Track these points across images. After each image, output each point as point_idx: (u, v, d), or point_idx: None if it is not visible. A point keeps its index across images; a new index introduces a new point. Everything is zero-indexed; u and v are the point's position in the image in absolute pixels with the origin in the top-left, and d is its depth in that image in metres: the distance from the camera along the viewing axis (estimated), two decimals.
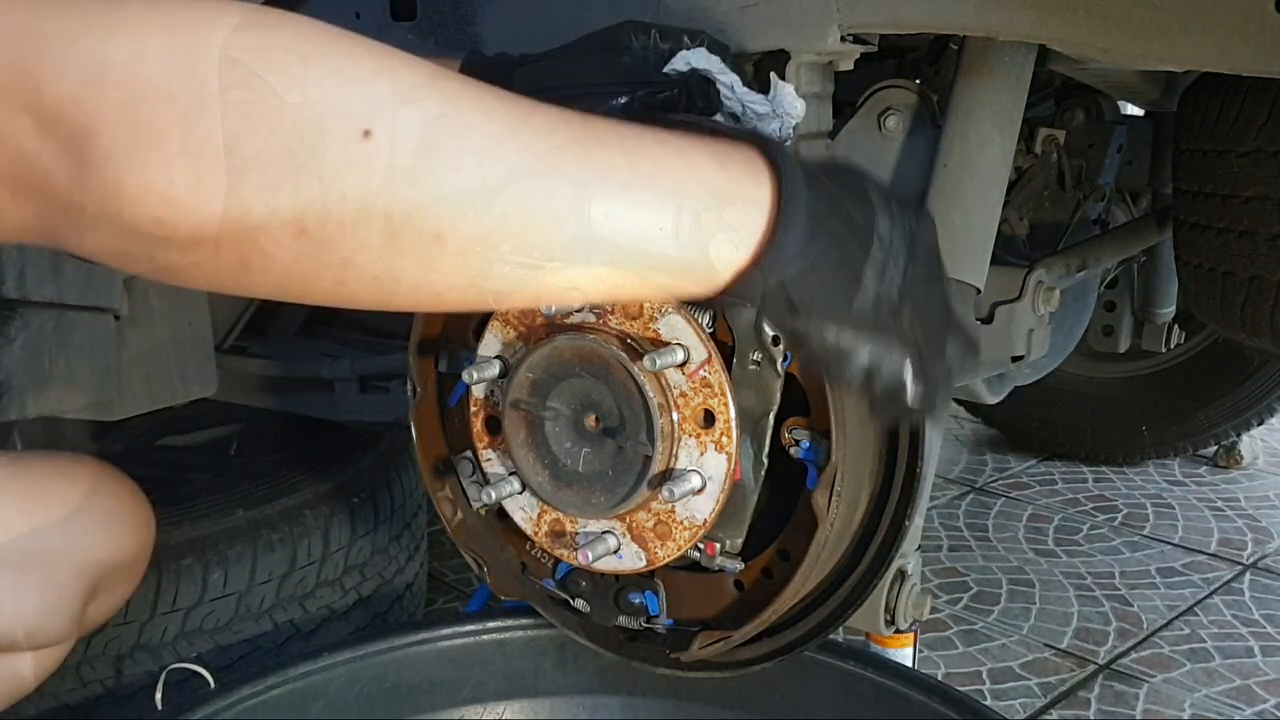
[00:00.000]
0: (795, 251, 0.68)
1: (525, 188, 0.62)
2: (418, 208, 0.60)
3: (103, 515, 1.11)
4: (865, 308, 0.71)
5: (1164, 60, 0.92)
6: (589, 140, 0.65)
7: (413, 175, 0.59)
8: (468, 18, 1.27)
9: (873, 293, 0.70)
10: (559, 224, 0.64)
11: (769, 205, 0.69)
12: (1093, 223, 1.74)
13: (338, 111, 0.57)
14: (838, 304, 0.70)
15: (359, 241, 0.59)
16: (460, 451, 1.11)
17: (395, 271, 0.62)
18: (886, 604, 1.11)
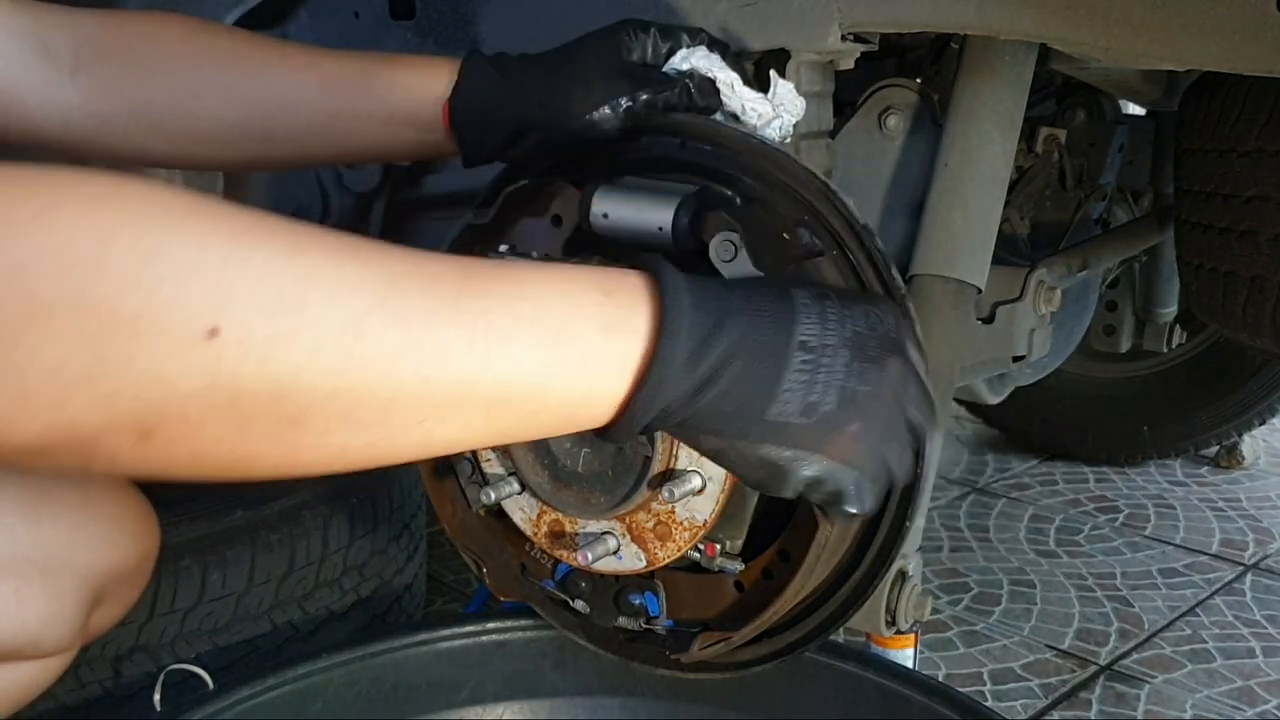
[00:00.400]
0: (678, 374, 0.65)
1: (392, 361, 0.58)
2: (271, 398, 0.56)
3: (107, 523, 1.11)
4: (789, 418, 0.67)
5: (1165, 59, 0.92)
6: (465, 297, 0.62)
7: (264, 367, 0.55)
8: (467, 17, 1.27)
9: (798, 402, 0.67)
10: (432, 391, 0.60)
11: (648, 332, 0.66)
12: (1094, 222, 1.74)
13: (181, 313, 0.53)
14: (748, 419, 0.67)
15: (208, 435, 0.56)
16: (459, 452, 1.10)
17: (252, 457, 0.59)
18: (887, 605, 1.11)
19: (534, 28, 1.23)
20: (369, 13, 1.35)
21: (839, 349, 0.69)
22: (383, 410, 0.59)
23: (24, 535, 1.04)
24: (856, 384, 0.69)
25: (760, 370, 0.67)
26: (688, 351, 0.65)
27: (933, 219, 1.16)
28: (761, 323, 0.68)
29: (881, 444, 0.71)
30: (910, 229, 1.19)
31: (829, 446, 0.69)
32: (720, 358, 0.66)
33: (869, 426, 0.69)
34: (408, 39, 1.32)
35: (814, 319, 0.69)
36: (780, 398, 0.67)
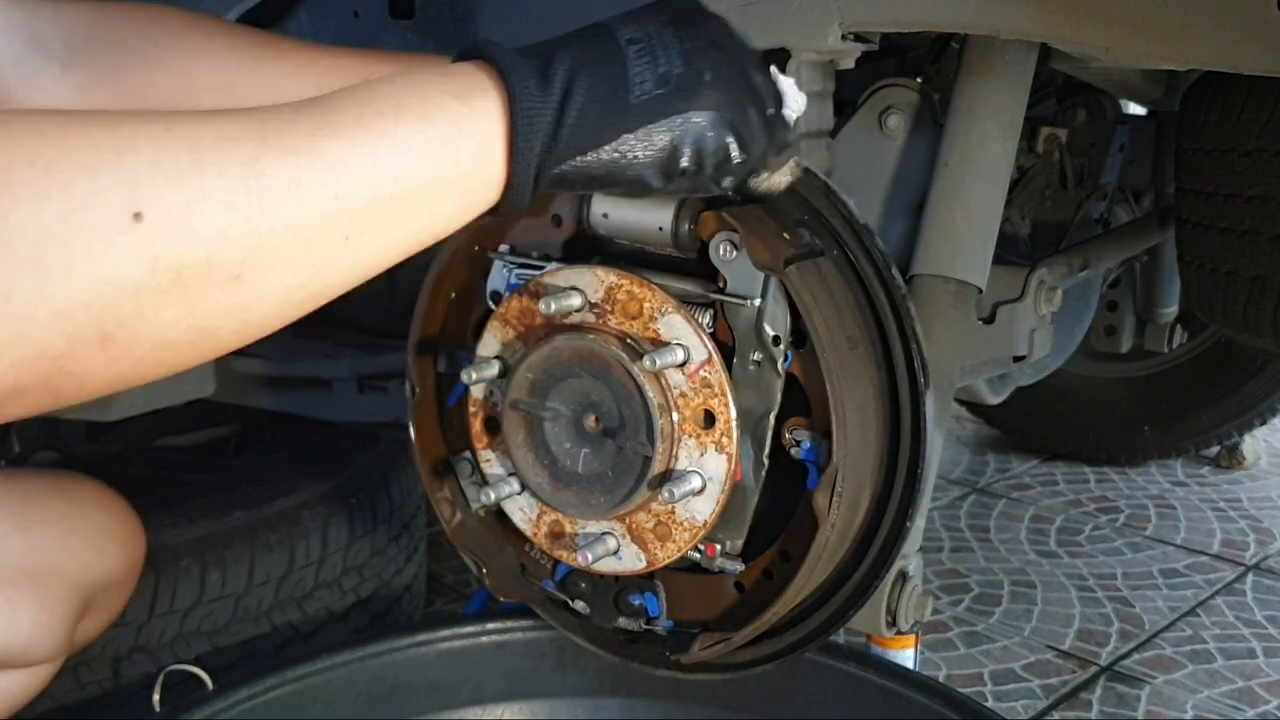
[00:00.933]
0: (538, 103, 0.70)
1: (296, 189, 0.62)
2: (208, 262, 0.58)
3: (97, 533, 1.11)
4: (649, 92, 0.72)
5: (1166, 59, 0.92)
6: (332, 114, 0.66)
7: (194, 234, 0.58)
8: (466, 16, 1.27)
9: (651, 77, 0.72)
10: (341, 203, 0.64)
11: (495, 85, 0.70)
12: (1095, 222, 1.74)
13: (101, 207, 0.55)
14: (616, 111, 0.72)
15: (164, 320, 0.58)
16: (459, 452, 1.10)
17: (209, 328, 0.61)
18: (888, 605, 1.11)
19: (533, 26, 1.22)
20: (368, 12, 1.35)
21: (662, 29, 0.75)
22: (308, 239, 0.63)
23: (15, 544, 1.04)
24: (692, 43, 0.75)
25: (605, 71, 0.72)
26: (535, 80, 0.70)
27: (933, 219, 1.15)
28: (585, 41, 0.74)
29: (740, 81, 0.76)
30: (910, 229, 1.19)
31: (697, 100, 0.74)
32: (566, 74, 0.71)
33: (720, 68, 0.75)
34: (407, 38, 1.32)
35: (628, 23, 0.75)
36: (634, 82, 0.72)
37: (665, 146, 0.73)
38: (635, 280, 0.93)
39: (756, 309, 0.91)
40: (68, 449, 1.78)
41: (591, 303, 0.95)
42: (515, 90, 0.70)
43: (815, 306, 0.89)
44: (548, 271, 0.98)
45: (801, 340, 0.92)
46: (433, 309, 1.08)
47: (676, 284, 0.94)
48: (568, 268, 0.97)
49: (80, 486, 1.13)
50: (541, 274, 0.98)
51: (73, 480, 1.14)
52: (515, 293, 1.00)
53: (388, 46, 1.33)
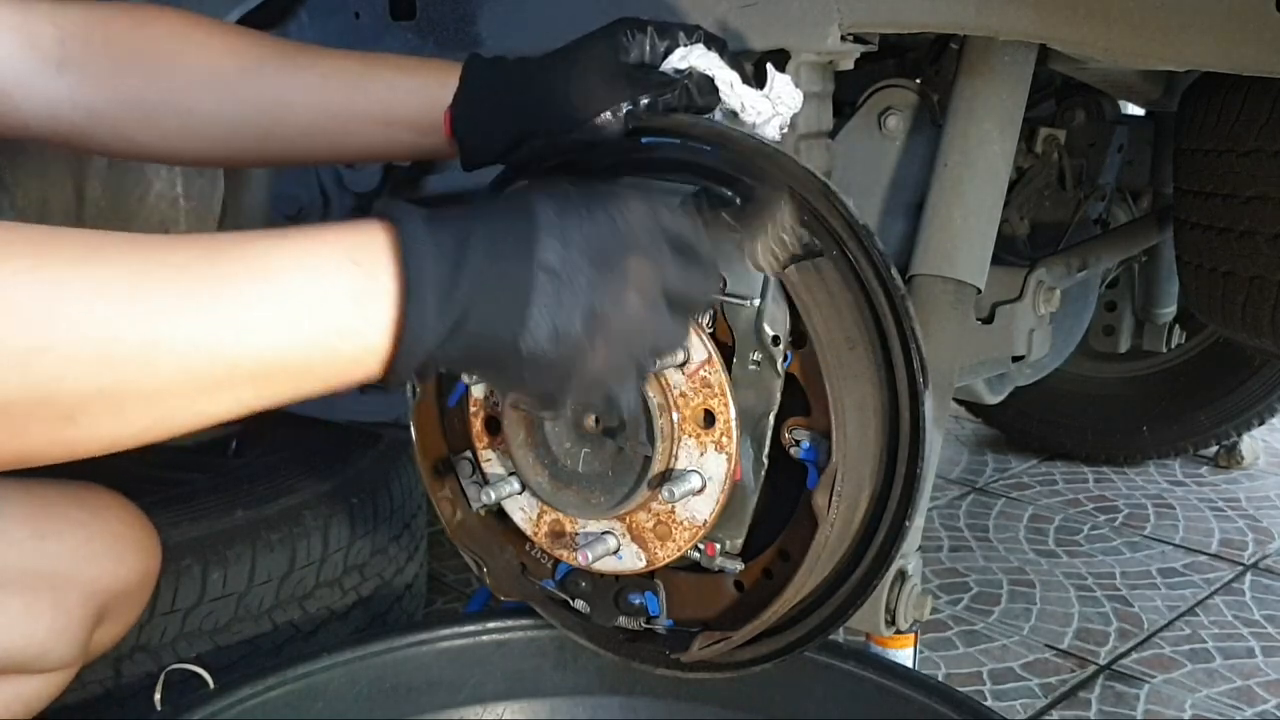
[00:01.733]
0: (431, 327, 0.67)
1: (148, 355, 0.61)
2: (39, 403, 0.59)
3: (113, 542, 1.11)
4: (539, 348, 0.69)
5: (1165, 59, 0.92)
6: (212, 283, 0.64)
7: (27, 377, 0.58)
8: (467, 17, 1.27)
9: (546, 329, 0.69)
10: (194, 376, 0.63)
11: (397, 293, 0.67)
12: (1093, 222, 1.74)
13: None
14: (503, 353, 0.69)
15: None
16: (460, 452, 1.11)
17: (33, 454, 0.62)
18: (887, 604, 1.11)
19: (534, 28, 1.23)
20: (369, 13, 1.35)
21: (580, 265, 0.70)
22: (151, 399, 0.63)
23: (31, 550, 1.04)
24: (600, 300, 0.70)
25: (506, 303, 0.69)
26: (435, 304, 0.67)
27: (932, 219, 1.16)
28: (502, 251, 0.69)
29: (628, 351, 0.73)
30: (910, 229, 1.19)
31: (578, 370, 0.72)
32: (466, 300, 0.68)
33: (613, 343, 0.72)
34: (408, 40, 1.32)
35: (555, 236, 0.70)
36: (529, 327, 0.69)
37: (542, 393, 0.73)
38: None
39: (756, 309, 0.91)
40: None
41: None
42: (411, 311, 0.67)
43: (814, 307, 0.89)
44: None
45: (801, 340, 0.92)
46: None
47: None
48: None
49: (97, 495, 1.13)
50: None
51: (89, 489, 1.14)
52: None
53: (389, 48, 1.33)
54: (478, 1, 1.26)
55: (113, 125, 0.97)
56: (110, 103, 0.96)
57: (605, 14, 0.97)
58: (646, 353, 0.75)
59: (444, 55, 1.12)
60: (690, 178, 0.92)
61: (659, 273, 0.73)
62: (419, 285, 0.67)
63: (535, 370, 0.70)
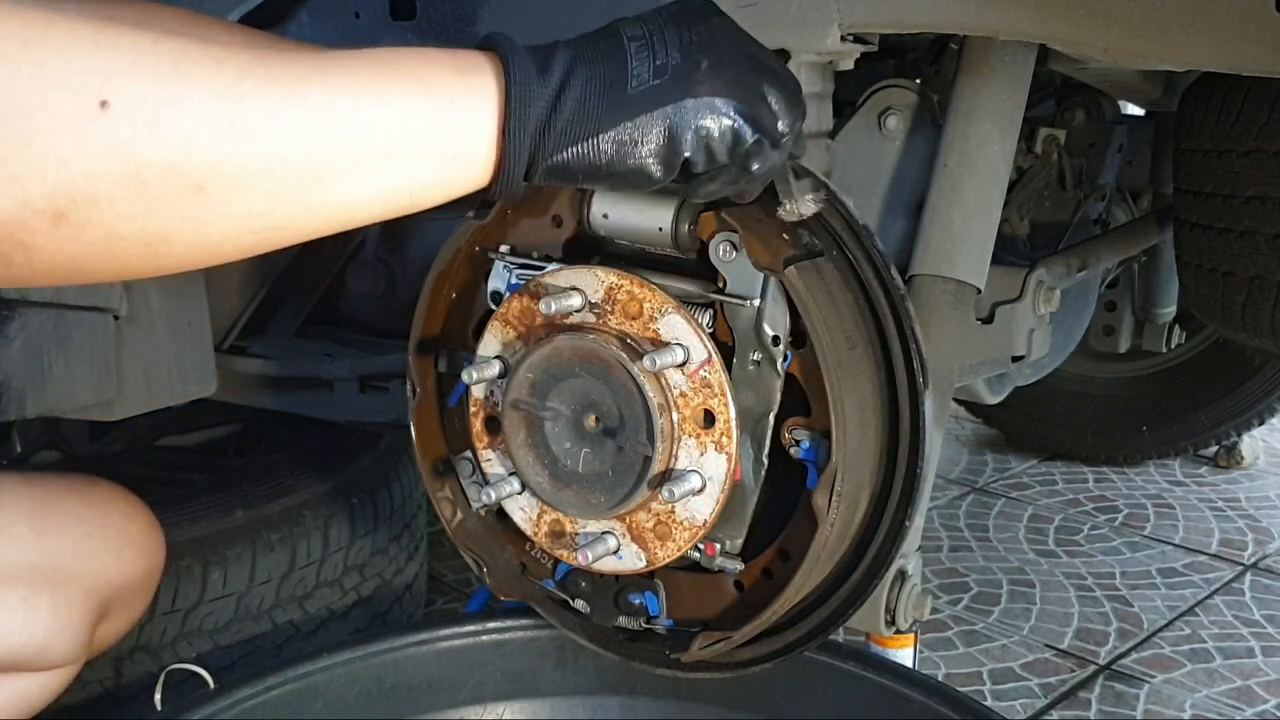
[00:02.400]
0: (535, 88, 0.71)
1: (271, 120, 0.63)
2: (169, 166, 0.60)
3: (115, 537, 1.11)
4: (646, 83, 0.73)
5: (1164, 59, 0.92)
6: (328, 62, 0.67)
7: (158, 135, 0.59)
8: (467, 17, 1.27)
9: (648, 69, 0.73)
10: (317, 149, 0.65)
11: (495, 68, 0.71)
12: (1093, 222, 1.74)
13: (69, 88, 0.57)
14: (612, 103, 0.72)
15: (119, 214, 0.60)
16: (460, 452, 1.11)
17: (165, 234, 0.62)
18: (887, 604, 1.11)
19: (534, 28, 1.23)
20: (369, 13, 1.35)
21: (664, 25, 0.76)
22: (275, 172, 0.64)
23: (31, 545, 1.04)
24: (691, 35, 0.75)
25: (603, 64, 0.73)
26: (535, 67, 0.72)
27: (932, 219, 1.16)
28: (589, 38, 0.75)
29: (737, 67, 0.76)
30: (910, 229, 1.19)
31: (693, 88, 0.74)
32: (564, 65, 0.72)
33: (719, 56, 0.75)
34: (408, 40, 1.32)
35: (634, 23, 0.76)
36: (631, 74, 0.73)
37: (663, 134, 0.73)
38: (635, 280, 0.94)
39: (756, 309, 0.92)
40: (69, 448, 1.78)
41: (592, 303, 0.96)
42: (512, 74, 0.70)
43: (814, 307, 0.89)
44: (548, 272, 0.98)
45: (801, 340, 0.92)
46: (433, 309, 1.08)
47: (676, 284, 0.95)
48: (568, 268, 0.98)
49: (99, 490, 1.13)
50: (542, 274, 0.99)
51: (91, 484, 1.14)
52: (516, 293, 1.00)
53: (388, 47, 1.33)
54: (478, 1, 1.27)
55: None
56: None
57: (605, 14, 0.97)
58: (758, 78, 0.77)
59: None
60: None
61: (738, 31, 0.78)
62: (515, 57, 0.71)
63: (649, 104, 0.73)
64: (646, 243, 0.96)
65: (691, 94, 0.73)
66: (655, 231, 0.94)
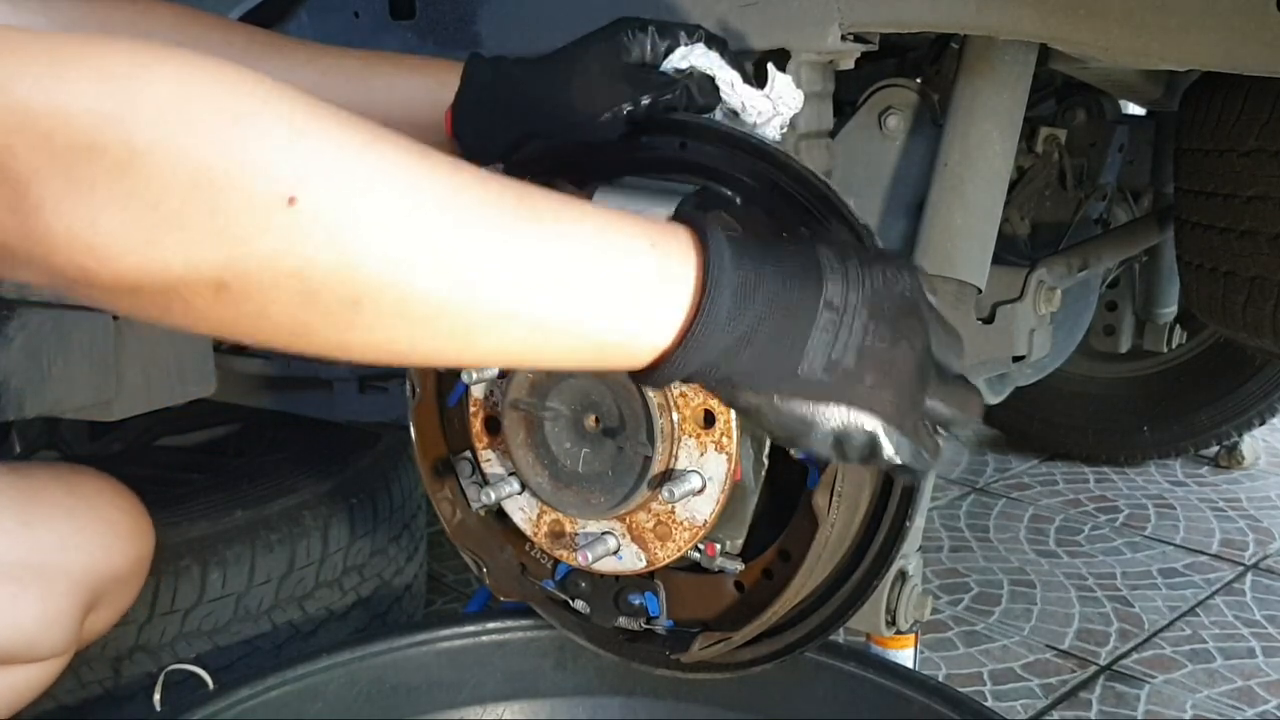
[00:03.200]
0: (720, 328, 0.68)
1: (450, 262, 0.62)
2: (335, 274, 0.60)
3: (102, 526, 1.11)
4: (814, 375, 0.70)
5: (1165, 59, 0.92)
6: (523, 215, 0.65)
7: (334, 244, 0.59)
8: (467, 17, 1.27)
9: (822, 359, 0.70)
10: (481, 300, 0.63)
11: (694, 284, 0.68)
12: (1094, 222, 1.74)
13: (263, 176, 0.57)
14: (780, 374, 0.70)
15: (275, 300, 0.60)
16: (459, 452, 1.10)
17: (310, 328, 0.62)
18: (887, 605, 1.11)
19: (534, 27, 1.23)
20: (369, 13, 1.35)
21: (859, 308, 0.71)
22: (433, 310, 0.63)
23: (18, 538, 1.04)
24: (874, 341, 0.72)
25: (792, 328, 0.70)
26: (728, 308, 0.68)
27: (932, 219, 1.16)
28: (792, 282, 0.70)
29: (900, 393, 0.73)
30: (910, 229, 1.19)
31: (849, 397, 0.72)
32: (757, 315, 0.69)
33: (885, 377, 0.72)
34: (408, 39, 1.32)
35: (838, 278, 0.71)
36: (807, 353, 0.70)
37: (804, 422, 0.72)
38: None
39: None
40: (69, 448, 1.78)
41: None
42: (706, 308, 0.67)
43: None
44: None
45: None
46: None
47: None
48: None
49: (86, 480, 1.13)
50: None
51: (78, 474, 1.14)
52: None
53: (388, 47, 1.33)
54: (478, 1, 1.26)
55: None
56: None
57: (606, 14, 0.97)
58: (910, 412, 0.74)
59: (444, 55, 1.12)
60: (689, 178, 0.92)
61: (925, 334, 0.75)
62: (718, 285, 0.68)
63: (804, 394, 0.71)
64: None
65: (845, 403, 0.71)
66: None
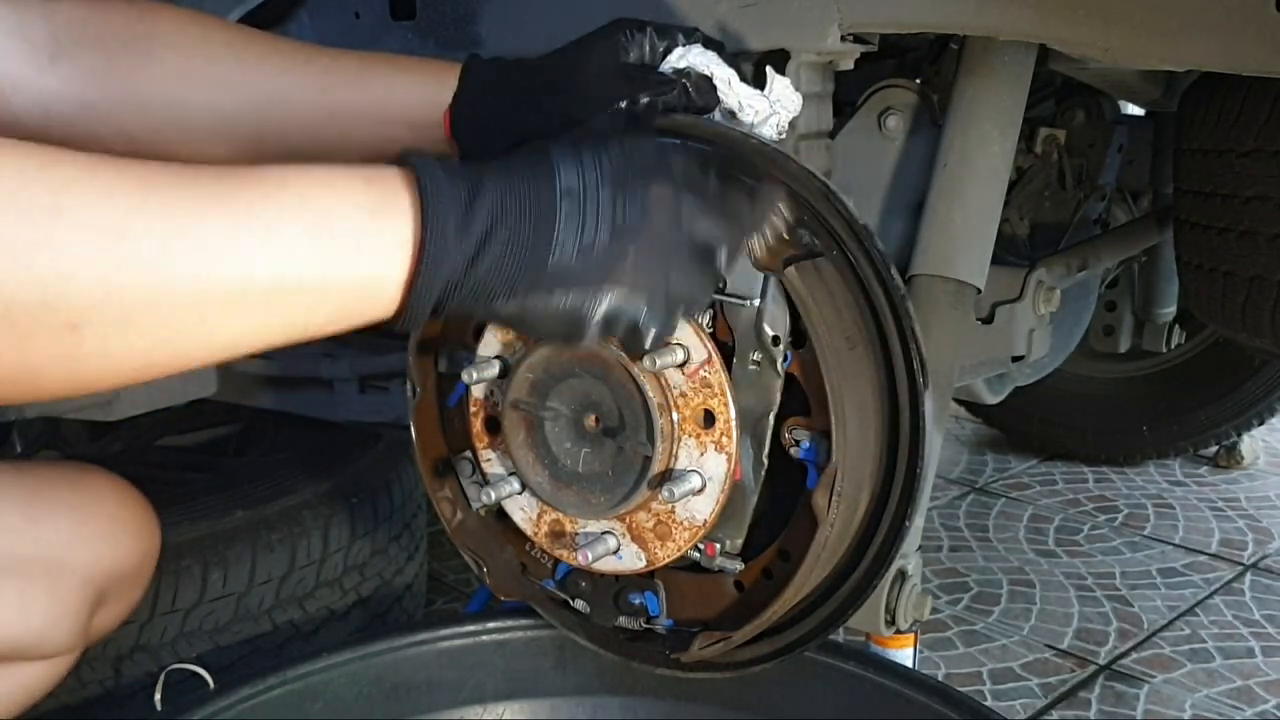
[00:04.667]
0: (451, 243, 0.67)
1: (160, 258, 0.60)
2: (44, 305, 0.57)
3: (109, 523, 1.11)
4: (568, 264, 0.69)
5: (1164, 59, 0.92)
6: (225, 191, 0.63)
7: (31, 273, 0.56)
8: (467, 17, 1.27)
9: (572, 246, 0.69)
10: (204, 285, 0.61)
11: (414, 211, 0.67)
12: (1093, 222, 1.75)
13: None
14: (532, 273, 0.69)
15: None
16: (460, 452, 1.11)
17: (35, 370, 0.59)
18: (887, 604, 1.11)
19: (534, 28, 1.23)
20: (369, 13, 1.36)
21: (601, 187, 0.70)
22: (160, 310, 0.60)
23: (25, 535, 1.04)
24: (624, 216, 0.71)
25: (531, 225, 0.69)
26: (455, 220, 0.67)
27: (932, 219, 1.16)
28: (521, 180, 0.69)
29: (661, 265, 0.72)
30: (910, 229, 1.19)
31: (611, 279, 0.71)
32: (488, 220, 0.68)
33: (644, 252, 0.71)
34: (408, 40, 1.32)
35: (571, 166, 0.71)
36: (555, 245, 0.69)
37: (571, 312, 0.71)
38: None
39: (756, 309, 0.92)
40: (69, 448, 1.78)
41: None
42: (430, 225, 0.66)
43: (814, 307, 0.89)
44: None
45: (801, 340, 0.92)
46: None
47: None
48: None
49: (91, 477, 1.13)
50: None
51: (83, 471, 1.14)
52: None
53: (389, 48, 1.33)
54: (478, 1, 1.26)
55: (106, 117, 0.96)
56: (103, 94, 0.95)
57: (605, 15, 0.97)
58: (674, 286, 0.74)
59: (444, 55, 1.12)
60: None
61: (679, 204, 0.73)
62: (436, 202, 0.67)
63: (564, 284, 0.70)
64: None
65: (608, 282, 0.71)
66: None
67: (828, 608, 1.00)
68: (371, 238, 0.66)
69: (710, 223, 0.76)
